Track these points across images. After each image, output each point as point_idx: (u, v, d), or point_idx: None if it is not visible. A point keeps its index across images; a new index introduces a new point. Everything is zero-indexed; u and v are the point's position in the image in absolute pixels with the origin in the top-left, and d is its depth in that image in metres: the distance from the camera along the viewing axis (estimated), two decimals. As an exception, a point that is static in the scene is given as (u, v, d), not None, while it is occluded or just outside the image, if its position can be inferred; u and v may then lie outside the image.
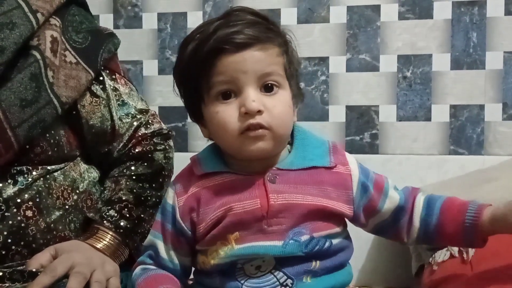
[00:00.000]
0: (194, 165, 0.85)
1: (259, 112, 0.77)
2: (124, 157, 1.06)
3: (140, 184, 1.03)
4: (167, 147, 1.09)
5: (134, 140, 1.06)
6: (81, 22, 1.04)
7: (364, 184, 0.84)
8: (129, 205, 1.01)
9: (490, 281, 0.88)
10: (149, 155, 1.06)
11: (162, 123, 1.12)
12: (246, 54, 0.78)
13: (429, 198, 0.86)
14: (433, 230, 0.84)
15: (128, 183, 1.03)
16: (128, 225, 1.00)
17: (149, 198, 1.03)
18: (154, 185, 1.04)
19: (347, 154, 0.86)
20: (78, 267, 0.85)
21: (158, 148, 1.07)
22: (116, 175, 1.05)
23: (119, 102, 1.05)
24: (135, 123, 1.06)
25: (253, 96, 0.77)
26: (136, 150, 1.06)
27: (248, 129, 0.77)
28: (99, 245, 0.95)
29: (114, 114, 1.04)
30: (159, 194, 1.04)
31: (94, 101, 1.02)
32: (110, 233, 0.98)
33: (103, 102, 1.03)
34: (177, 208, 0.84)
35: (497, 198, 1.12)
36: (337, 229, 0.82)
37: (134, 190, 1.02)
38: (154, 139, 1.07)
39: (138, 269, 0.86)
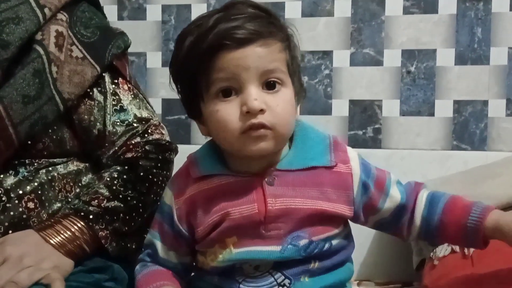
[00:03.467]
0: (191, 166, 0.83)
1: (261, 111, 0.74)
2: (112, 162, 1.00)
3: (122, 183, 0.95)
4: (160, 157, 1.00)
5: (124, 148, 1.00)
6: (91, 18, 1.01)
7: (365, 183, 0.81)
8: (101, 197, 0.93)
9: (491, 276, 0.88)
10: (136, 161, 0.98)
11: (165, 135, 1.05)
12: (247, 50, 0.74)
13: (432, 196, 0.83)
14: (434, 230, 0.82)
15: (108, 179, 0.95)
16: (92, 212, 0.91)
17: (129, 198, 0.95)
18: (138, 188, 0.96)
19: (349, 149, 0.83)
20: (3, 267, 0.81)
21: (149, 156, 0.99)
22: (101, 172, 0.99)
23: (116, 107, 1.00)
24: (129, 132, 1.00)
25: (255, 95, 0.74)
26: (125, 156, 0.99)
27: (250, 129, 0.74)
28: (52, 240, 0.87)
29: (107, 119, 0.99)
30: (142, 199, 0.96)
31: (88, 103, 0.98)
32: (71, 219, 0.91)
33: (98, 105, 0.99)
34: (174, 210, 0.82)
35: (500, 194, 1.12)
36: (336, 231, 0.81)
37: (114, 188, 0.95)
38: (146, 147, 1.00)
39: (138, 266, 0.86)
